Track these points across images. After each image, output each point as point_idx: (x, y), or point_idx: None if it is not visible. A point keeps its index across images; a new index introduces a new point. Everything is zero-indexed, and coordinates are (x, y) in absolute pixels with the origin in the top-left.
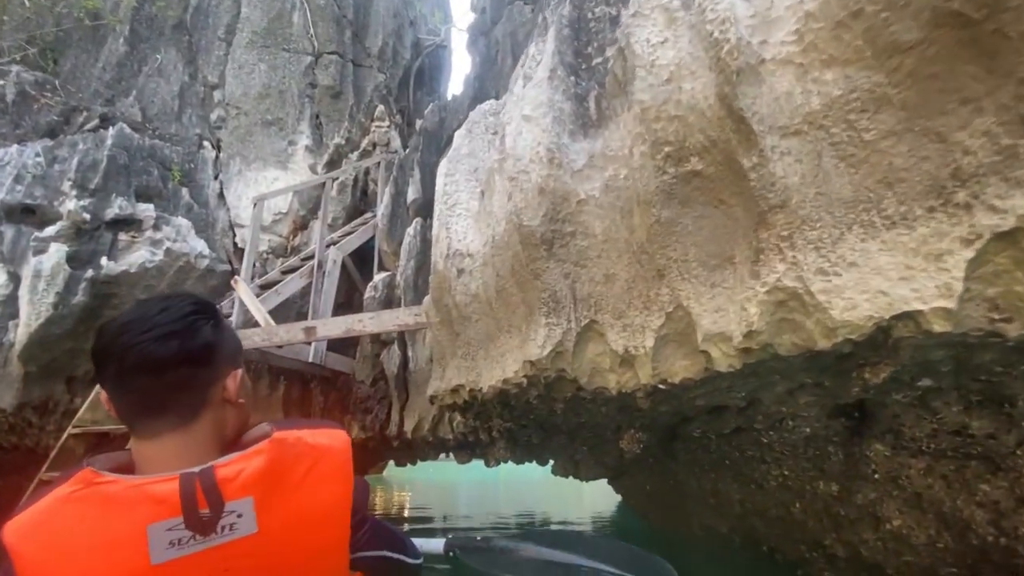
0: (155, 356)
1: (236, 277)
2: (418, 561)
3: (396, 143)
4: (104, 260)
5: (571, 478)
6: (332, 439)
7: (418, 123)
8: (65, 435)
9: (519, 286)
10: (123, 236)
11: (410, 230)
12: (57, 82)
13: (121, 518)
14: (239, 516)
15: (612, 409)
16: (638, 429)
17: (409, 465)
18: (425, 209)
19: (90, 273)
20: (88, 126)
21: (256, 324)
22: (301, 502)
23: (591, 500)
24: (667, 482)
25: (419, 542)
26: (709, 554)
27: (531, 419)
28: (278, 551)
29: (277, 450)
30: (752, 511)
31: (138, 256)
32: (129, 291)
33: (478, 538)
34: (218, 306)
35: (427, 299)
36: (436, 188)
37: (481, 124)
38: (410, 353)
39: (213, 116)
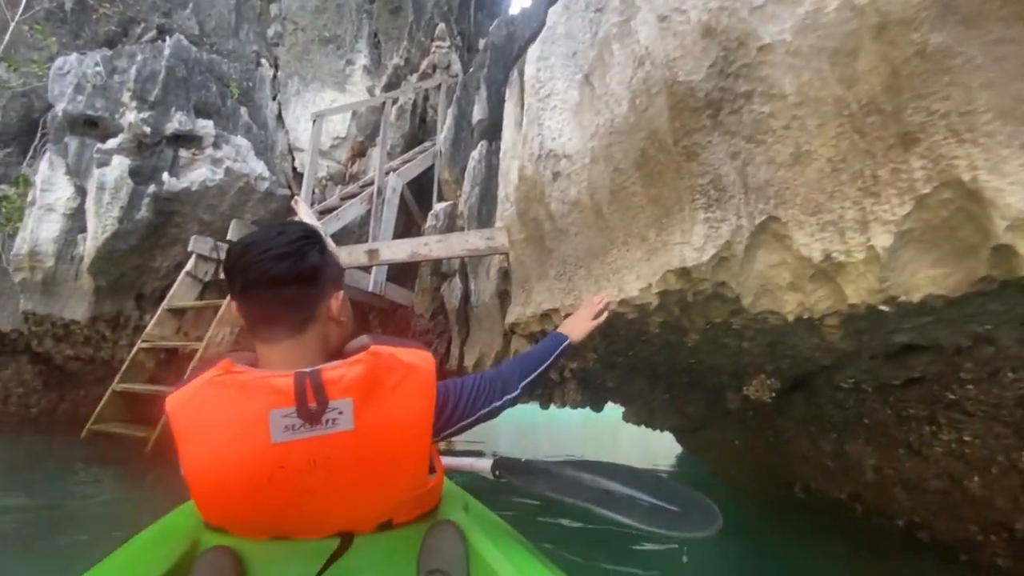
0: (272, 273)
1: (296, 197)
2: (512, 395)
3: (456, 67)
4: (165, 176)
5: (643, 427)
6: (420, 359)
7: (482, 41)
8: (135, 349)
9: (649, 181)
10: (184, 153)
11: (475, 154)
12: None
13: (250, 402)
14: (340, 413)
15: (760, 344)
16: (770, 374)
17: None
18: (491, 131)
19: (152, 188)
20: (146, 37)
21: None
22: (391, 408)
23: (627, 447)
24: (765, 438)
25: (468, 462)
26: (817, 521)
27: (628, 356)
28: (369, 447)
29: (373, 361)
30: (894, 480)
31: (199, 174)
32: (192, 210)
33: (522, 460)
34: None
35: (508, 212)
36: (525, 77)
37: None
38: (472, 286)
39: (270, 32)
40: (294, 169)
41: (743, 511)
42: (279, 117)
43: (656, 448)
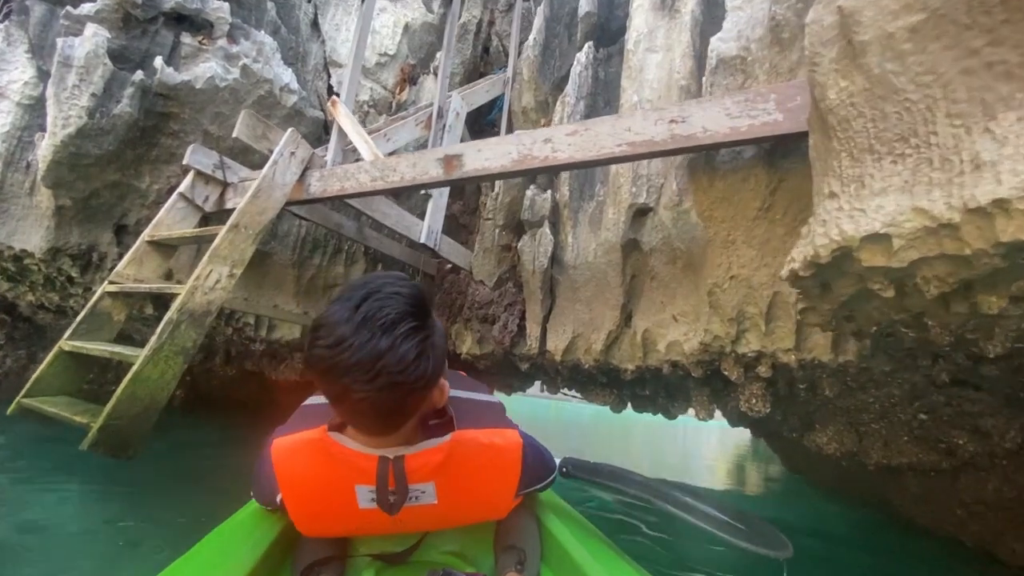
0: (382, 406)
1: (335, 98)
2: (556, 472)
3: None
4: (159, 62)
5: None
6: (503, 439)
7: None
8: (99, 293)
9: None
10: (188, 40)
11: (580, 57)
12: None
13: (339, 472)
14: (422, 492)
15: None
16: None
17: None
18: (600, 32)
19: (139, 76)
20: None
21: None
22: (474, 488)
23: (639, 451)
24: None
25: None
26: None
27: None
28: (454, 514)
29: (455, 449)
30: None
31: (206, 68)
32: (194, 116)
33: (590, 461)
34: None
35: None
36: None
37: None
38: (569, 239)
39: None
40: (329, 88)
41: None
42: (314, 24)
43: (669, 458)
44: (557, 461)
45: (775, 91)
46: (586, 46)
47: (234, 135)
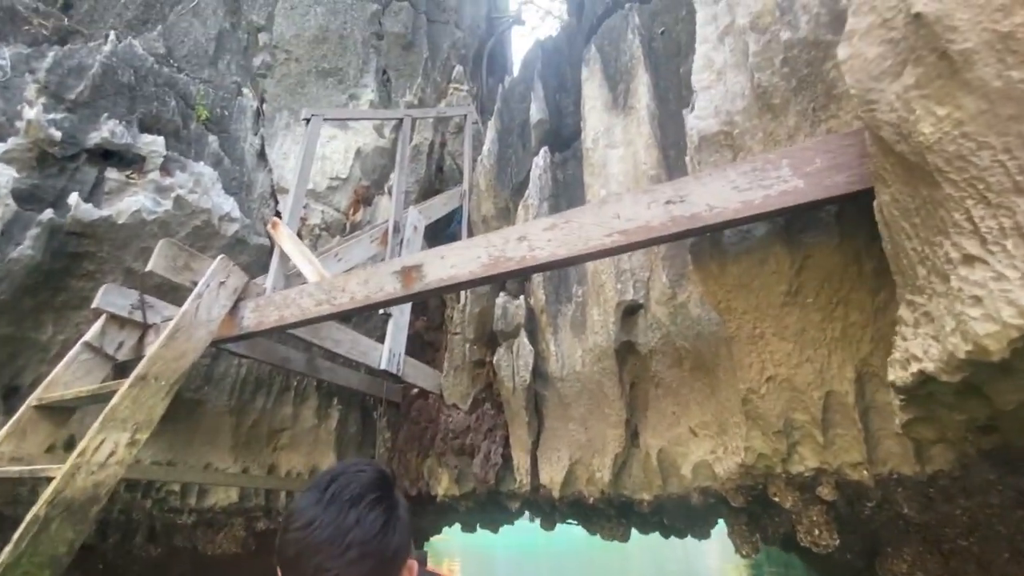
0: None
1: (276, 219)
2: None
3: (475, 116)
4: (74, 198)
5: None
6: None
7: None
8: None
9: None
10: (113, 175)
11: (538, 160)
12: (57, 11)
13: None
14: None
15: None
16: None
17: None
18: (553, 137)
19: (48, 216)
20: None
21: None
22: None
23: (642, 567)
24: None
25: None
26: None
27: None
28: None
29: None
30: None
31: (131, 203)
32: (115, 253)
33: None
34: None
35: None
36: None
37: None
38: (552, 347)
39: (256, 61)
40: (277, 214)
41: None
42: (261, 154)
43: None
44: None
45: (787, 156)
46: (542, 150)
47: (148, 268)
